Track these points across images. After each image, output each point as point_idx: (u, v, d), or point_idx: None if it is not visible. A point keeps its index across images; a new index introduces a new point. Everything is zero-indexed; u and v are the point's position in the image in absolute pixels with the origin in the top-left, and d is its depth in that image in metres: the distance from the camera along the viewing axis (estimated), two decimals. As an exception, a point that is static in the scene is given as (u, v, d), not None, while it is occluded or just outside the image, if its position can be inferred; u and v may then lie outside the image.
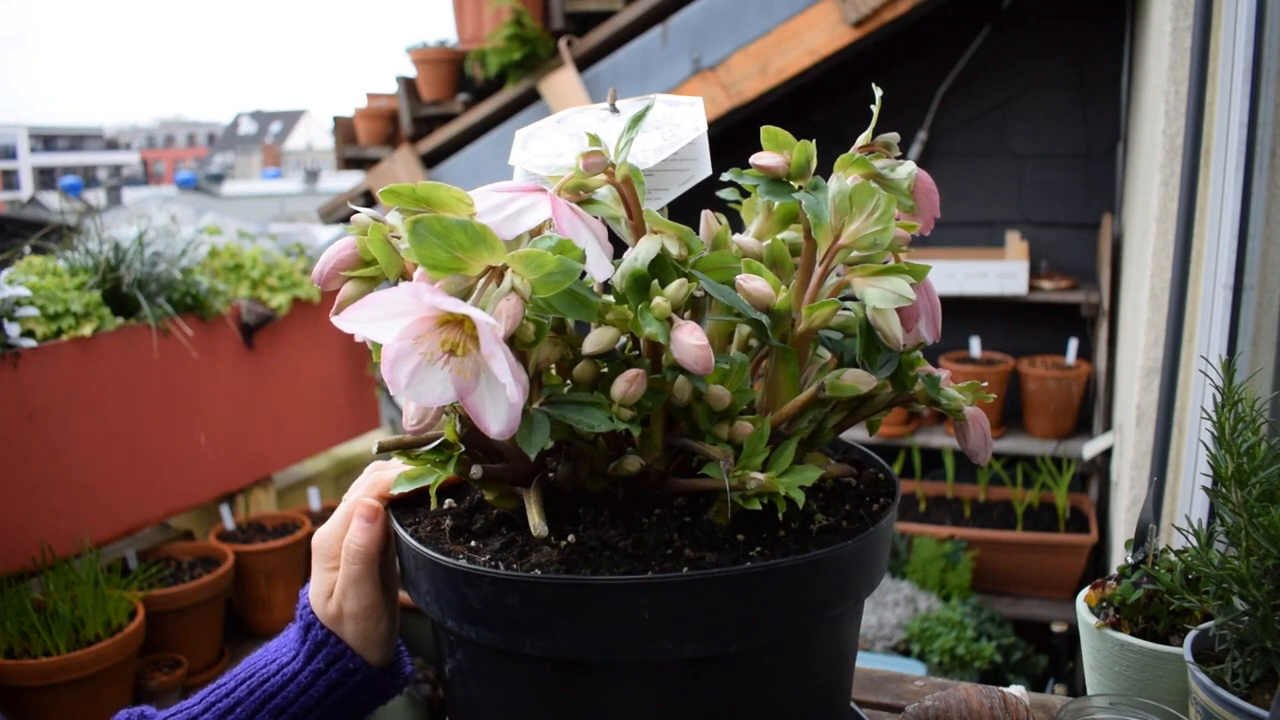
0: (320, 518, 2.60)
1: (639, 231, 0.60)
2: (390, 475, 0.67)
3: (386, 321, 0.50)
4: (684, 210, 0.64)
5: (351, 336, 0.57)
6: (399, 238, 0.59)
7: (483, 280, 0.52)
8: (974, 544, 2.81)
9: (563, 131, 0.72)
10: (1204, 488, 0.73)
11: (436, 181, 0.55)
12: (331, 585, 0.68)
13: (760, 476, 0.58)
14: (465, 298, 0.51)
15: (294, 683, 0.68)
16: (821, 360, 0.68)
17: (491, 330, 0.48)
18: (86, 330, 1.95)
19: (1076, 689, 2.50)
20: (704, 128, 0.69)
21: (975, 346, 3.10)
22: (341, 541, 0.68)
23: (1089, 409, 3.01)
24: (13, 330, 1.83)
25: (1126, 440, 2.04)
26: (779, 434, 0.63)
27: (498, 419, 0.51)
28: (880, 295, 0.58)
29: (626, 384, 0.57)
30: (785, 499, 0.59)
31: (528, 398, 0.55)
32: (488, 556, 0.59)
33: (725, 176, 0.63)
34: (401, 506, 0.69)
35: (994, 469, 2.99)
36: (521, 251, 0.51)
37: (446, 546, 0.61)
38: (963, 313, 3.00)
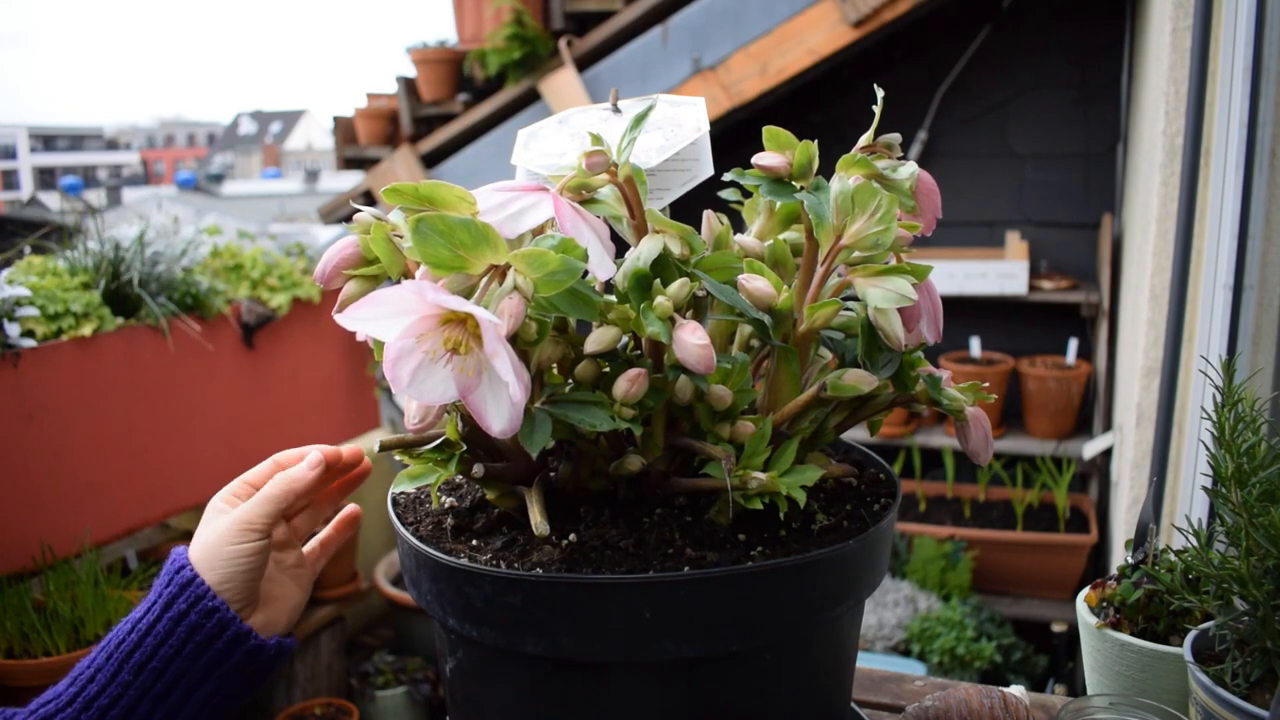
0: (320, 517, 2.60)
1: (641, 231, 0.60)
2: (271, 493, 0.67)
3: (389, 320, 0.50)
4: (685, 210, 0.64)
5: (352, 336, 0.57)
6: (401, 236, 0.59)
7: (485, 279, 0.52)
8: (974, 544, 2.81)
9: (565, 131, 0.72)
10: (1204, 488, 0.73)
11: (437, 181, 0.55)
12: (255, 568, 0.66)
13: (761, 476, 0.58)
14: (468, 296, 0.52)
15: (151, 633, 0.63)
16: (823, 360, 0.68)
17: (495, 328, 0.48)
18: (86, 330, 1.95)
19: (1076, 689, 2.50)
20: (706, 128, 0.70)
21: (975, 346, 3.10)
22: (228, 492, 0.69)
23: (1089, 409, 3.01)
24: (13, 330, 1.83)
25: (1126, 440, 2.04)
26: (780, 434, 0.63)
27: (500, 418, 0.51)
28: (882, 295, 0.58)
29: (628, 383, 0.57)
30: (786, 499, 0.59)
31: (529, 397, 0.55)
32: (489, 555, 0.59)
33: (727, 176, 0.64)
34: (402, 505, 0.69)
35: (994, 469, 2.99)
36: (524, 250, 0.51)
37: (448, 545, 0.61)
38: (963, 313, 3.00)
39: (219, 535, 0.65)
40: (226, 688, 0.65)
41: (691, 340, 0.55)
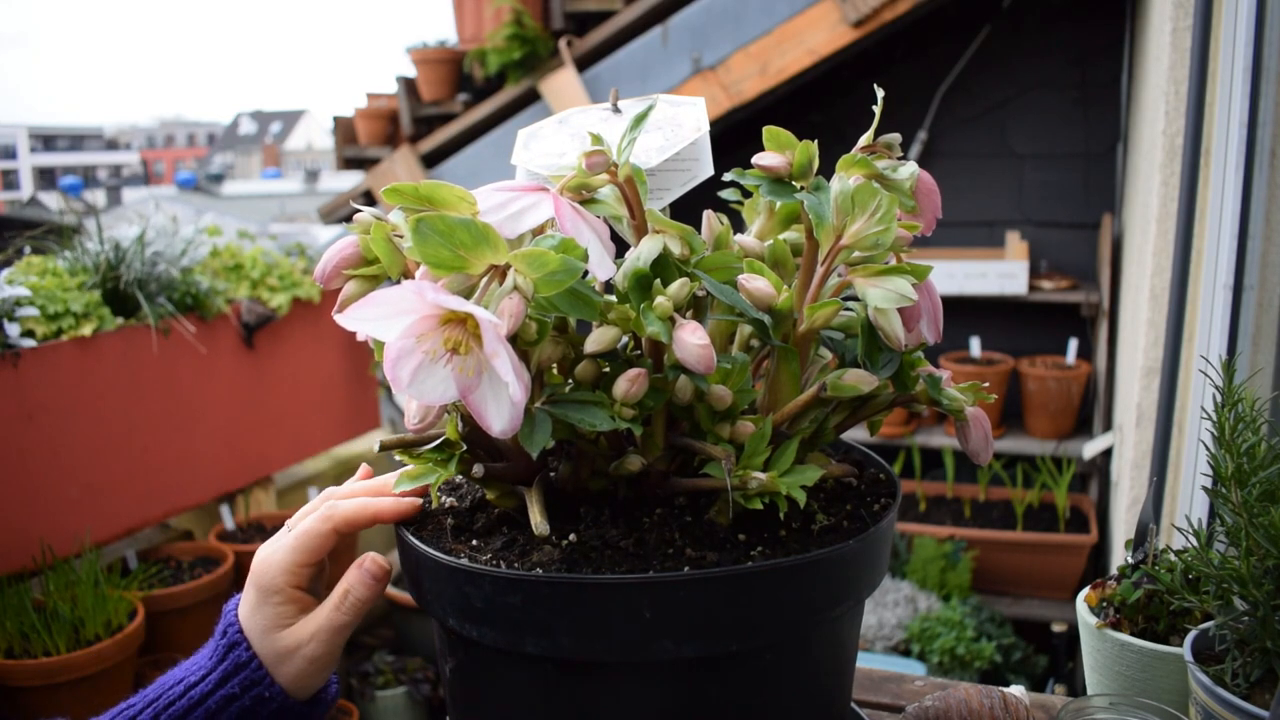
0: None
1: (641, 231, 0.60)
2: (347, 508, 0.65)
3: (389, 320, 0.50)
4: (685, 210, 0.64)
5: (352, 336, 0.57)
6: (401, 236, 0.59)
7: (485, 279, 0.52)
8: (974, 544, 2.81)
9: (565, 131, 0.72)
10: (1204, 488, 0.73)
11: (437, 181, 0.55)
12: (279, 619, 0.65)
13: (762, 476, 0.58)
14: (468, 296, 0.52)
15: (202, 707, 0.63)
16: (823, 360, 0.68)
17: (495, 329, 0.48)
18: (86, 330, 1.95)
19: (1076, 689, 2.50)
20: (706, 128, 0.70)
21: (975, 346, 3.10)
22: (298, 578, 0.65)
23: (1089, 409, 3.01)
24: (13, 330, 1.83)
25: (1126, 440, 2.04)
26: (780, 434, 0.63)
27: (500, 417, 0.51)
28: (882, 295, 0.58)
29: (628, 383, 0.57)
30: (786, 499, 0.59)
31: (530, 397, 0.55)
32: (489, 555, 0.59)
33: (727, 176, 0.64)
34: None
35: (994, 469, 2.99)
36: (524, 250, 0.51)
37: (448, 545, 0.61)
38: (963, 313, 3.00)
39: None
40: None
41: (691, 340, 0.55)
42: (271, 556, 0.66)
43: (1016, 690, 0.84)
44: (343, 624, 0.65)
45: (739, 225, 0.71)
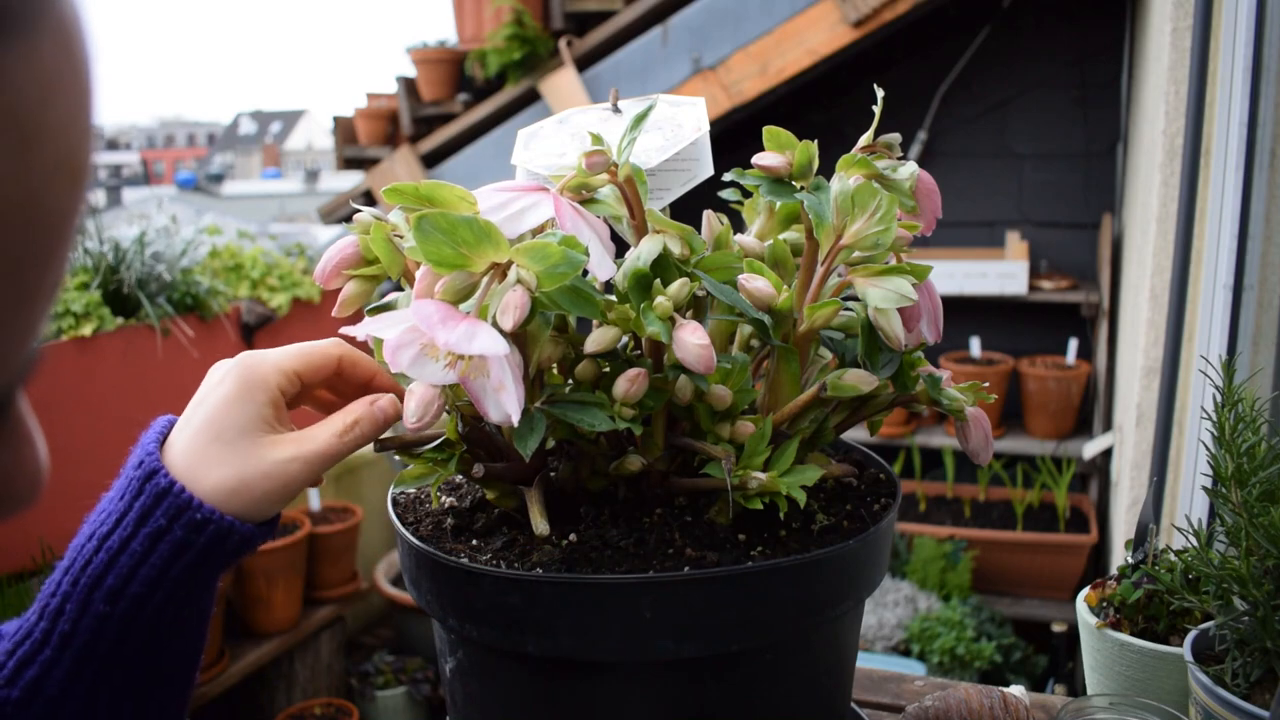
0: (320, 518, 2.61)
1: (641, 231, 0.60)
2: (358, 351, 0.59)
3: (391, 328, 0.50)
4: (685, 210, 0.64)
5: (352, 337, 0.57)
6: (401, 236, 0.59)
7: (486, 278, 0.52)
8: (974, 544, 2.81)
9: (565, 131, 0.72)
10: (1204, 488, 0.73)
11: (437, 181, 0.55)
12: (260, 419, 0.55)
13: (762, 476, 0.58)
14: (470, 295, 0.52)
15: (125, 553, 0.52)
16: (823, 360, 0.68)
17: (501, 362, 0.49)
18: (86, 330, 1.95)
19: (1076, 689, 2.50)
20: (706, 128, 0.70)
21: (975, 346, 3.10)
22: (281, 373, 0.56)
23: (1089, 409, 3.01)
24: (13, 330, 1.83)
25: (1126, 440, 2.04)
26: (780, 434, 0.63)
27: (498, 410, 0.51)
28: (882, 295, 0.58)
29: (628, 383, 0.57)
30: (786, 499, 0.59)
31: (529, 397, 0.55)
32: (489, 555, 0.59)
33: (727, 176, 0.64)
34: (402, 505, 0.69)
35: (994, 469, 2.99)
36: (526, 244, 0.51)
37: (448, 545, 0.61)
38: (963, 313, 3.00)
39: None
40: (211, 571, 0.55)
41: (691, 340, 0.55)
42: (268, 353, 0.58)
43: (1016, 690, 0.84)
44: (340, 453, 0.56)
45: (739, 225, 0.71)
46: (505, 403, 0.50)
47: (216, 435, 0.55)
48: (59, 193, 0.25)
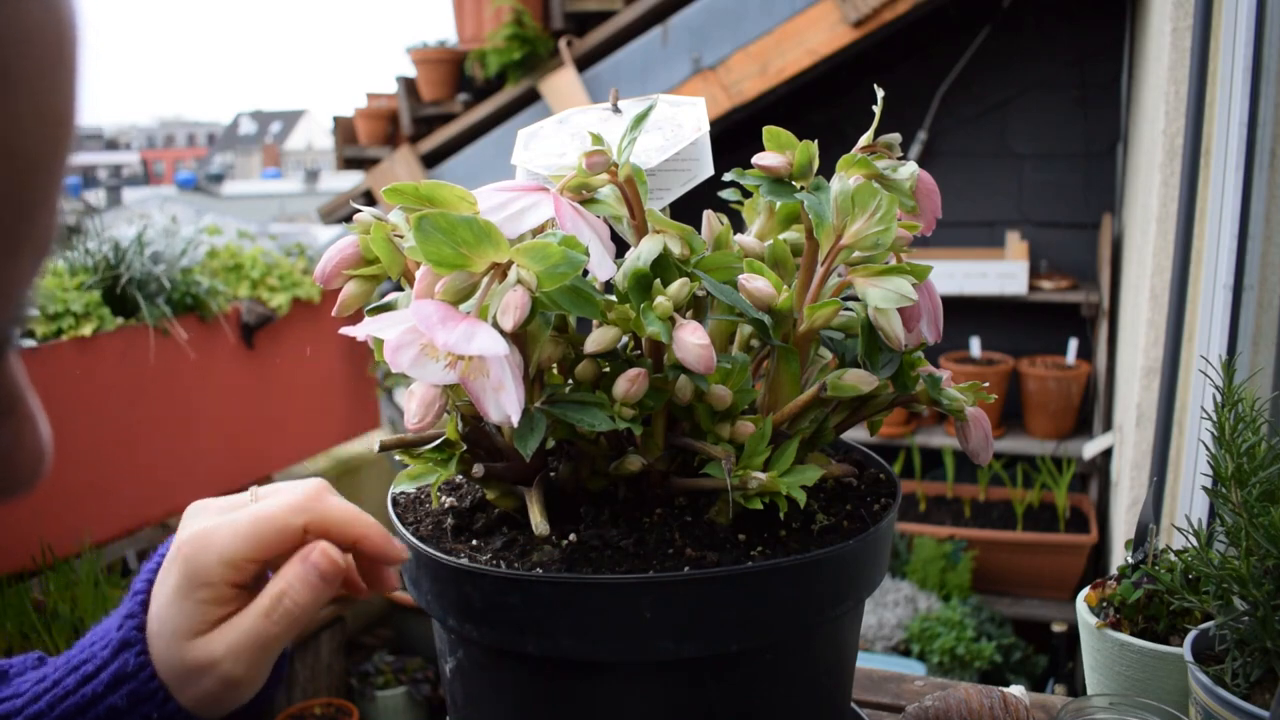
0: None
1: (641, 231, 0.60)
2: (336, 509, 0.51)
3: (391, 327, 0.50)
4: (685, 210, 0.64)
5: (352, 337, 0.57)
6: (401, 236, 0.59)
7: (487, 278, 0.52)
8: (974, 544, 2.81)
9: (565, 131, 0.72)
10: (1204, 488, 0.73)
11: (437, 181, 0.55)
12: (199, 620, 0.49)
13: (762, 476, 0.58)
14: (470, 295, 0.52)
15: (91, 711, 0.50)
16: (823, 360, 0.68)
17: (501, 362, 0.49)
18: (86, 330, 1.95)
19: (1076, 689, 2.50)
20: (706, 128, 0.70)
21: (975, 346, 3.10)
22: (232, 574, 0.49)
23: (1089, 409, 3.01)
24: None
25: (1126, 440, 2.04)
26: (780, 434, 0.63)
27: (498, 410, 0.51)
28: (882, 295, 0.58)
29: (628, 383, 0.57)
30: (786, 499, 0.59)
31: (529, 397, 0.55)
32: (489, 555, 0.59)
33: (727, 176, 0.64)
34: (402, 505, 0.69)
35: (994, 469, 2.99)
36: (526, 244, 0.51)
37: (448, 545, 0.61)
38: (963, 313, 3.00)
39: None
40: None
41: (691, 340, 0.55)
42: (213, 535, 0.50)
43: (1016, 690, 0.84)
44: (271, 636, 0.49)
45: (739, 225, 0.71)
46: (505, 403, 0.50)
47: (162, 632, 0.50)
48: (39, 142, 0.25)
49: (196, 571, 0.49)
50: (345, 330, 0.52)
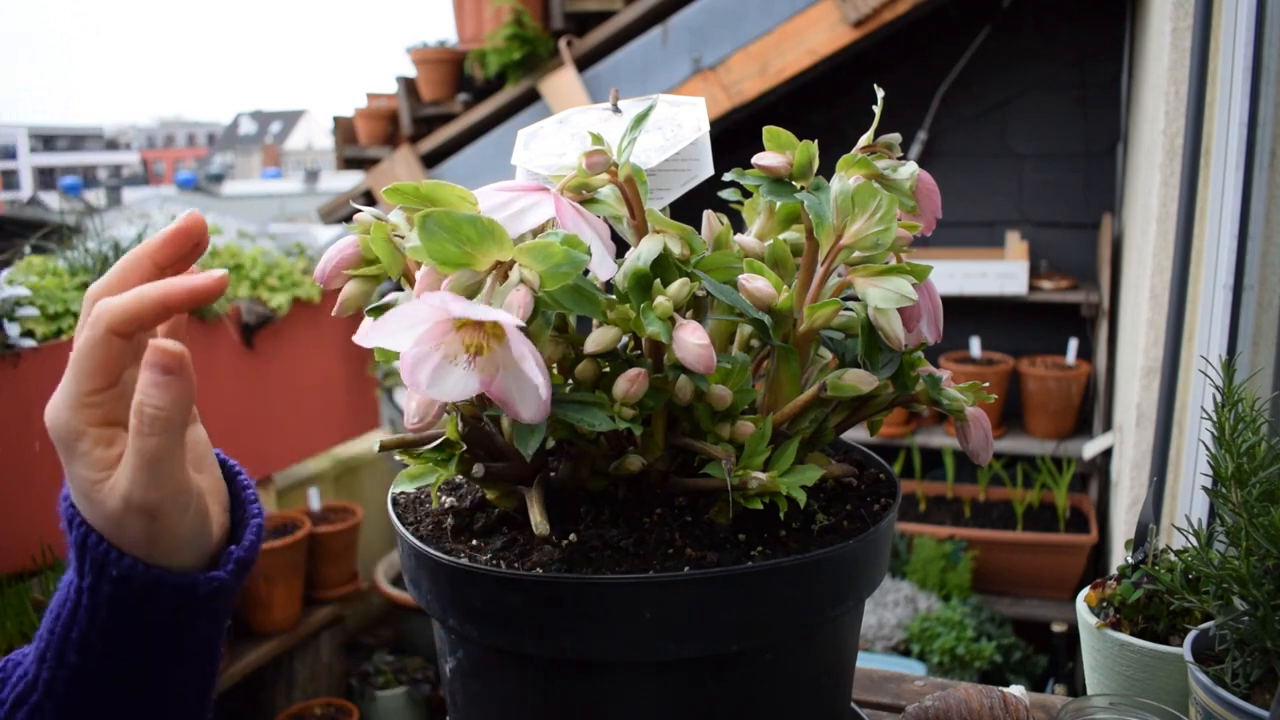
0: (320, 518, 2.61)
1: (641, 231, 0.60)
2: (120, 301, 0.48)
3: (403, 332, 0.49)
4: (685, 210, 0.64)
5: (352, 336, 0.57)
6: (401, 236, 0.59)
7: (490, 277, 0.52)
8: (974, 544, 2.81)
9: (565, 131, 0.72)
10: (1204, 488, 0.73)
11: (438, 181, 0.55)
12: (95, 469, 0.48)
13: (762, 476, 0.58)
14: (474, 294, 0.52)
15: (80, 607, 0.50)
16: (823, 360, 0.68)
17: (520, 333, 0.48)
18: (87, 330, 1.95)
19: (1076, 689, 2.50)
20: (706, 128, 0.70)
21: (975, 346, 3.10)
22: (86, 415, 0.48)
23: (1089, 409, 3.01)
24: (13, 330, 1.83)
25: (1126, 440, 2.04)
26: (780, 434, 0.63)
27: (528, 407, 0.50)
28: (882, 295, 0.58)
29: (628, 383, 0.57)
30: (786, 499, 0.59)
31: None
32: (489, 555, 0.59)
33: (727, 177, 0.64)
34: (402, 505, 0.69)
35: (994, 469, 2.99)
36: (529, 244, 0.51)
37: (448, 545, 0.61)
38: (963, 313, 3.00)
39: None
40: (189, 642, 0.53)
41: (691, 340, 0.55)
42: (53, 400, 0.49)
43: (1016, 690, 0.84)
44: (152, 447, 0.47)
45: (739, 225, 0.71)
46: (530, 372, 0.47)
47: (82, 502, 0.50)
48: None
49: (62, 432, 0.48)
50: (357, 339, 0.50)
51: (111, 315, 0.47)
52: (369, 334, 0.49)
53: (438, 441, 0.62)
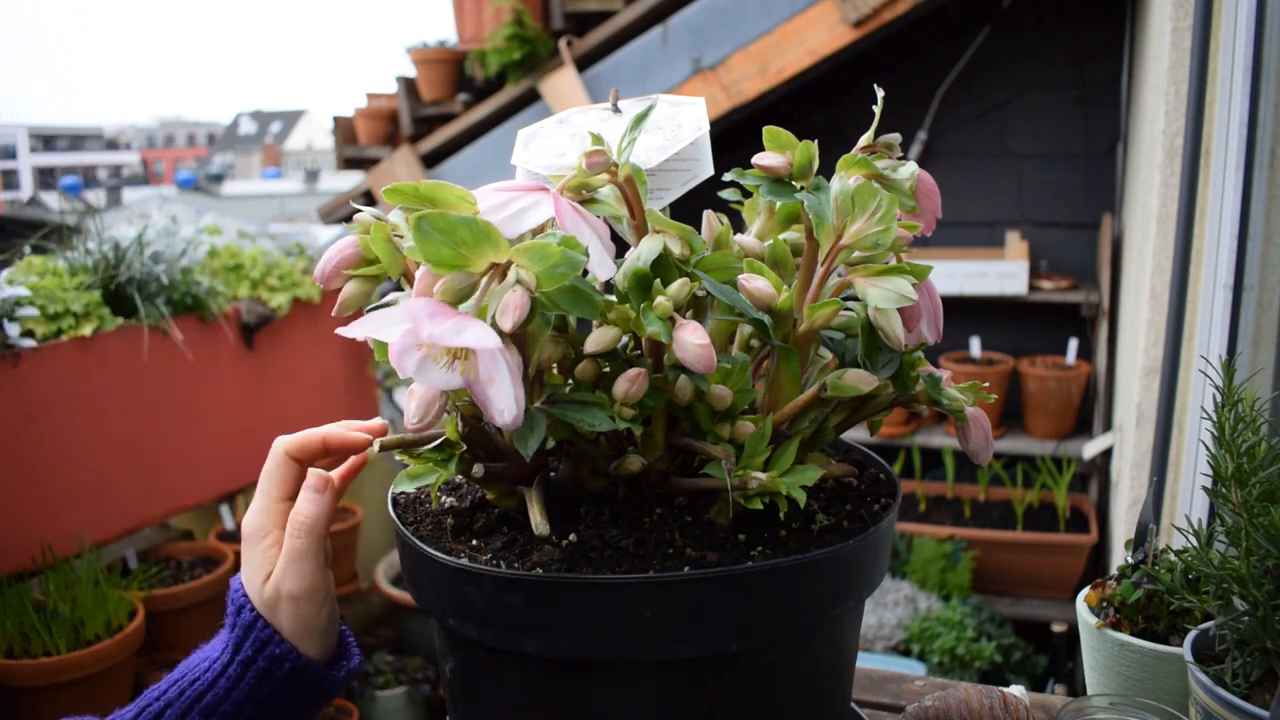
0: (320, 517, 2.60)
1: (641, 231, 0.60)
2: (301, 435, 0.65)
3: (390, 327, 0.50)
4: (685, 210, 0.64)
5: (353, 337, 0.57)
6: (401, 236, 0.59)
7: (486, 278, 0.52)
8: (974, 544, 2.81)
9: (565, 131, 0.72)
10: (1204, 488, 0.73)
11: (437, 181, 0.55)
12: (267, 567, 0.63)
13: (762, 476, 0.58)
14: (469, 295, 0.52)
15: (224, 677, 0.62)
16: (823, 360, 0.68)
17: (494, 355, 0.49)
18: (86, 330, 1.95)
19: (1076, 689, 2.50)
20: (706, 128, 0.70)
21: (975, 346, 3.10)
22: (274, 517, 0.64)
23: (1089, 409, 3.01)
24: (13, 330, 1.83)
25: (1126, 440, 2.04)
26: (780, 434, 0.63)
27: (503, 414, 0.51)
28: (882, 295, 0.58)
29: (628, 383, 0.57)
30: (786, 499, 0.59)
31: (529, 397, 0.55)
32: (489, 555, 0.59)
33: (727, 176, 0.64)
34: (402, 505, 0.69)
35: (994, 469, 2.99)
36: (526, 244, 0.51)
37: (448, 545, 0.61)
38: (963, 313, 3.00)
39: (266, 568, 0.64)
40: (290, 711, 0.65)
41: (691, 340, 0.55)
42: (251, 512, 0.65)
43: (1016, 690, 0.84)
44: (299, 549, 0.62)
45: (739, 225, 0.71)
46: (496, 398, 0.50)
47: (250, 587, 0.64)
48: None
49: (250, 531, 0.64)
50: (342, 331, 0.53)
51: (287, 443, 0.65)
52: (356, 325, 0.51)
53: (438, 441, 0.62)
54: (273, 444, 0.66)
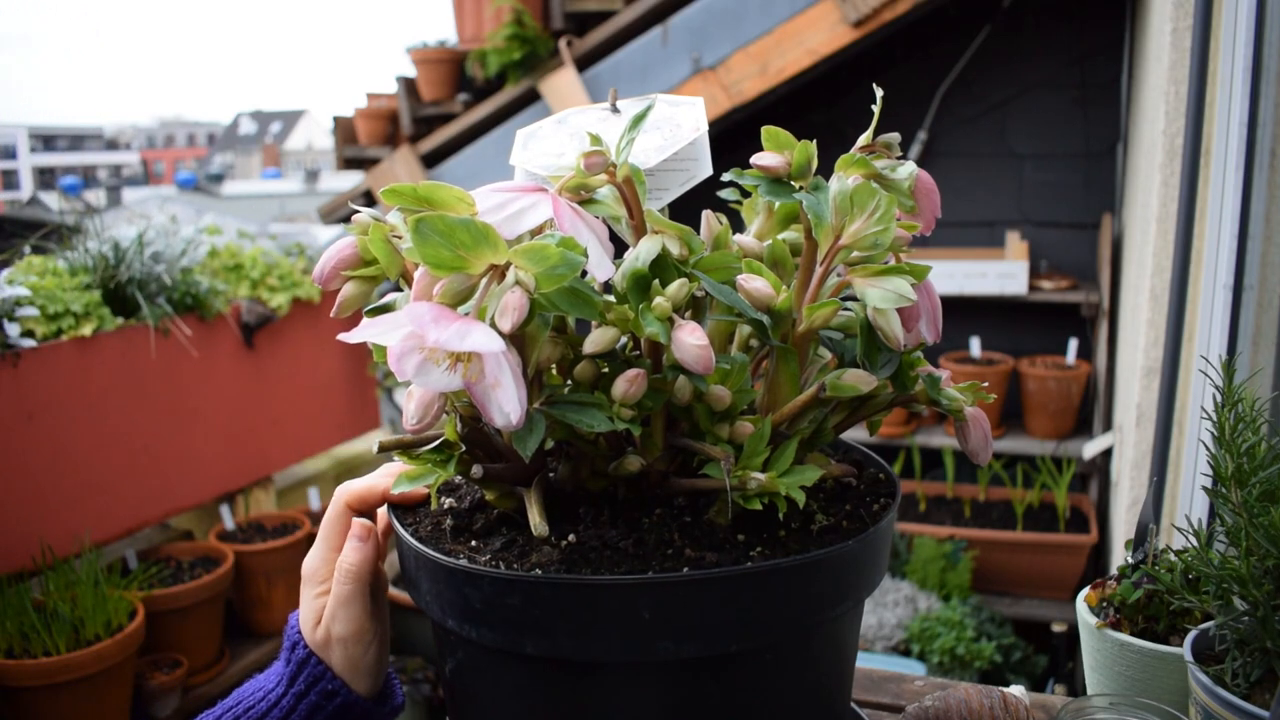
0: (320, 517, 2.60)
1: (640, 231, 0.60)
2: (362, 487, 0.68)
3: (390, 333, 0.50)
4: (684, 210, 0.64)
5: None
6: (400, 237, 0.59)
7: (485, 280, 0.52)
8: (974, 544, 2.81)
9: (563, 131, 0.72)
10: (1204, 488, 0.73)
11: (436, 181, 0.55)
12: (320, 610, 0.67)
13: (761, 476, 0.58)
14: (468, 297, 0.52)
15: (277, 707, 0.66)
16: (822, 360, 0.68)
17: (499, 359, 0.49)
18: (86, 330, 1.95)
19: (1076, 689, 2.50)
20: (705, 128, 0.69)
21: (975, 346, 3.10)
22: (329, 564, 0.68)
23: (1089, 409, 3.01)
24: (13, 330, 1.83)
25: (1126, 440, 2.04)
26: (779, 434, 0.63)
27: (502, 416, 0.51)
28: (881, 295, 0.58)
29: (627, 384, 0.57)
30: (786, 499, 0.59)
31: (528, 398, 0.55)
32: (488, 556, 0.59)
33: (726, 177, 0.63)
34: (402, 507, 0.69)
35: (994, 469, 2.99)
36: (524, 246, 0.51)
37: (447, 546, 0.61)
38: (963, 313, 3.00)
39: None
40: None
41: (690, 340, 0.55)
42: (311, 555, 0.70)
43: (1016, 690, 0.84)
44: (345, 594, 0.66)
45: (738, 225, 0.71)
46: (502, 400, 0.50)
47: (305, 629, 0.69)
48: None
49: (307, 576, 0.69)
50: (344, 337, 0.52)
51: (348, 493, 0.69)
52: (357, 330, 0.51)
53: (437, 442, 0.62)
54: (335, 491, 0.70)
